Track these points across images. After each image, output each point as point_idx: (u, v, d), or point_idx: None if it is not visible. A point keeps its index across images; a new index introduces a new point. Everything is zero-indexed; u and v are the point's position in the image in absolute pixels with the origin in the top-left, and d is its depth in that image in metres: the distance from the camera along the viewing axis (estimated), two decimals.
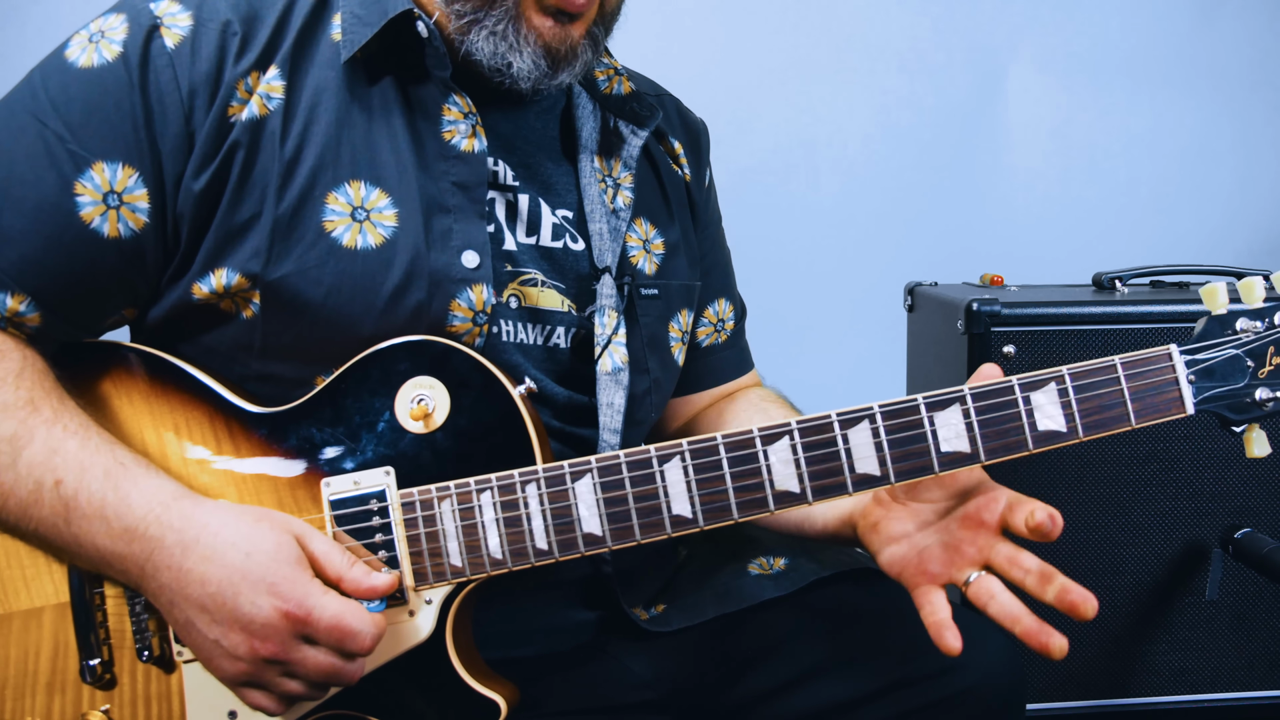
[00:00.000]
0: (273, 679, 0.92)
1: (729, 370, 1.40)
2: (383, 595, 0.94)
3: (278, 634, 0.89)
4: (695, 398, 1.38)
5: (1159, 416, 0.92)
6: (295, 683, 0.92)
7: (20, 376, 0.97)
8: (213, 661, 0.92)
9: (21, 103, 1.01)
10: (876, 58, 2.65)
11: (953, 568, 0.97)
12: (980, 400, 0.93)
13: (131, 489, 0.93)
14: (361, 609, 0.91)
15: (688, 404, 1.38)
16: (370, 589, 0.93)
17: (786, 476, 0.94)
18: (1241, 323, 0.93)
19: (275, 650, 0.90)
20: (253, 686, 0.93)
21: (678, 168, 1.33)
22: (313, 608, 0.89)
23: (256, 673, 0.91)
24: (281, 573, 0.90)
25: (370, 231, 1.03)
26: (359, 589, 0.93)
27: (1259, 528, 1.72)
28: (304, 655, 0.91)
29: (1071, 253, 2.66)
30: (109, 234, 1.00)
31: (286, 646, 0.90)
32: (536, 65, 1.07)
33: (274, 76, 1.03)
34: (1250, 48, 2.76)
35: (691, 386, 1.37)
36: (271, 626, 0.89)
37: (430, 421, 0.99)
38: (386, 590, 0.94)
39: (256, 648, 0.90)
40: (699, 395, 1.38)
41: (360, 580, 0.93)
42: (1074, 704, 1.77)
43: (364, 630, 0.90)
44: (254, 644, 0.89)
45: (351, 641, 0.90)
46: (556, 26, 1.07)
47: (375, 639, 0.91)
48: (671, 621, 1.17)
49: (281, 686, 0.92)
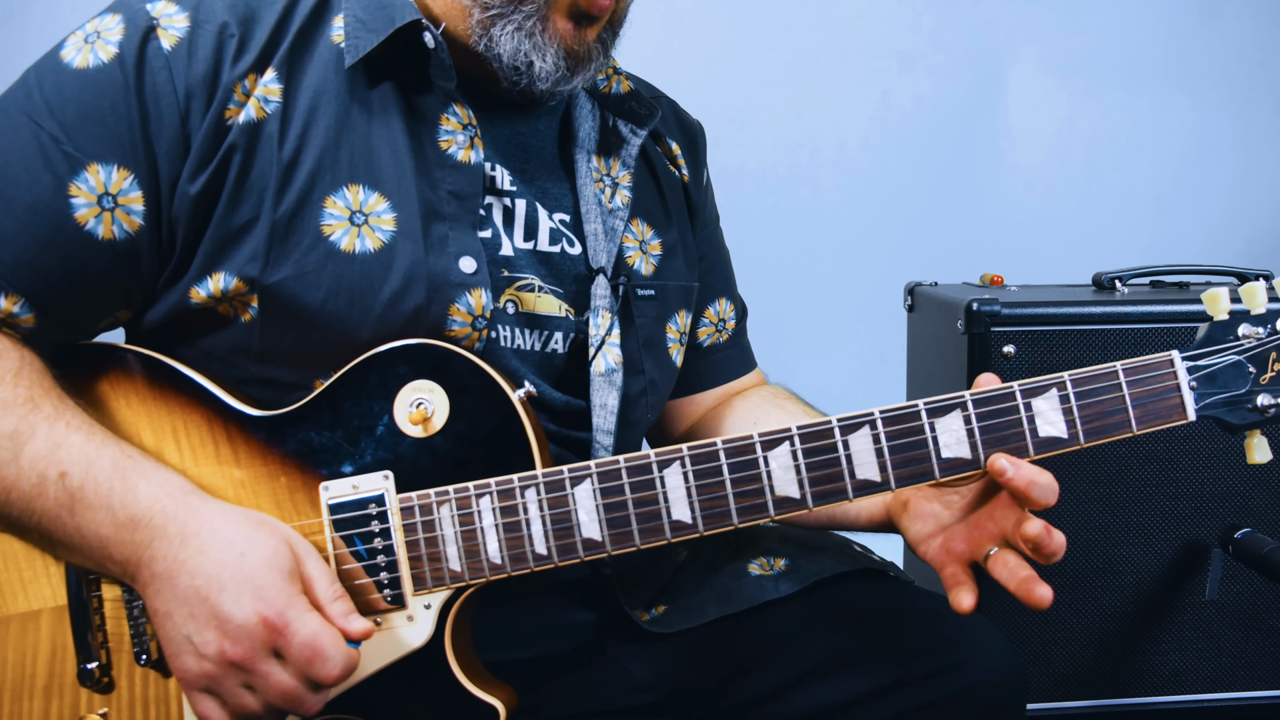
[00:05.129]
0: (231, 688, 0.90)
1: (731, 369, 1.40)
2: (355, 639, 0.91)
3: (250, 639, 0.88)
4: (699, 398, 1.38)
5: (1160, 423, 0.92)
6: (252, 698, 0.90)
7: (19, 374, 0.96)
8: (178, 658, 0.91)
9: (16, 103, 1.01)
10: (876, 58, 2.65)
11: (975, 545, 0.99)
12: (981, 406, 0.92)
13: (140, 480, 0.93)
14: (338, 637, 0.90)
15: (692, 405, 1.38)
16: (344, 629, 0.91)
17: (787, 482, 0.94)
18: (1243, 328, 0.92)
19: (243, 655, 0.88)
20: (208, 693, 0.91)
21: (675, 169, 1.32)
22: (291, 620, 0.88)
23: (218, 677, 0.90)
24: (270, 579, 0.89)
25: (369, 235, 1.03)
26: (334, 624, 0.91)
27: (1259, 528, 1.72)
28: (269, 670, 0.89)
29: (1071, 253, 2.66)
30: (103, 236, 1.00)
31: (255, 655, 0.88)
32: (558, 67, 1.07)
33: (271, 79, 1.02)
34: (1250, 48, 2.76)
35: (694, 386, 1.37)
36: (246, 630, 0.88)
37: (429, 426, 0.99)
38: (360, 636, 0.92)
39: (226, 650, 0.88)
40: (703, 396, 1.38)
41: (338, 617, 0.92)
42: (1074, 704, 1.77)
43: (336, 658, 0.88)
44: (224, 645, 0.88)
45: (320, 666, 0.88)
46: (575, 30, 1.07)
47: (345, 671, 0.89)
48: (672, 623, 1.17)
49: (237, 698, 0.90)
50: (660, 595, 1.24)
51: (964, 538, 1.01)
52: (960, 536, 1.01)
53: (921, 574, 2.01)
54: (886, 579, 1.21)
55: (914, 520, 1.07)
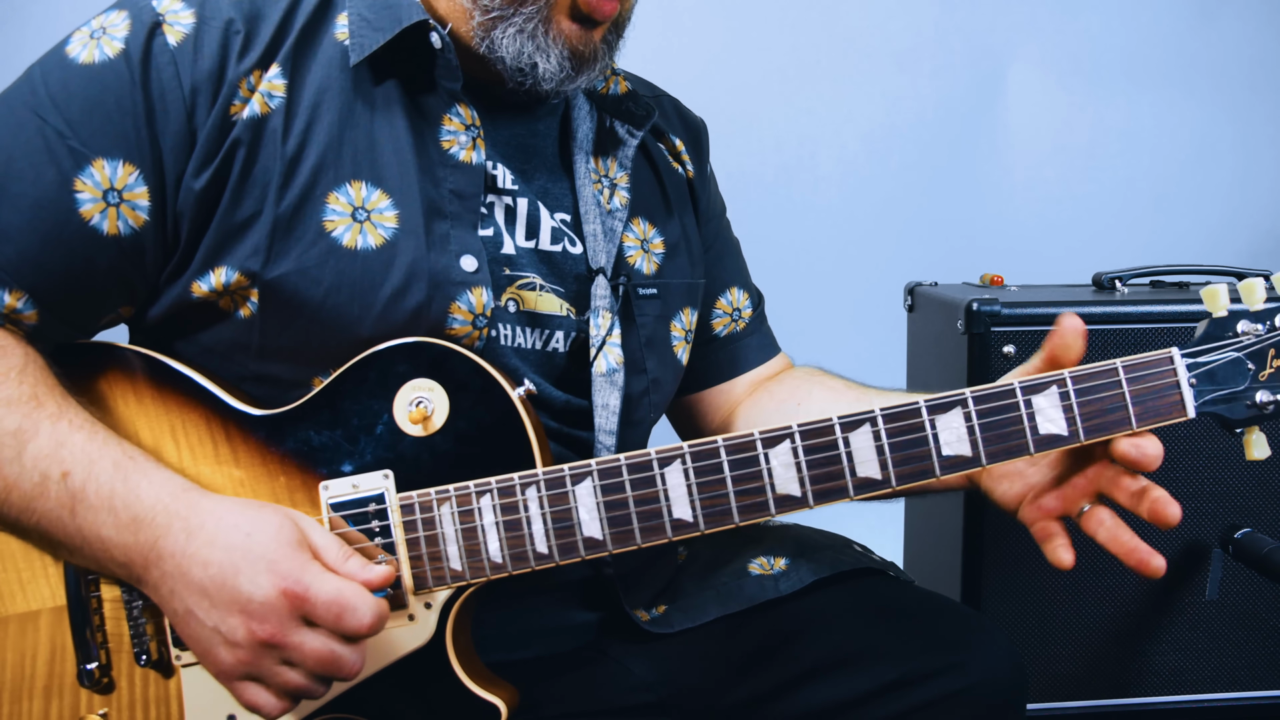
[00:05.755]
0: (271, 669, 0.90)
1: (755, 356, 1.40)
2: (378, 587, 0.92)
3: (276, 613, 0.88)
4: (729, 388, 1.38)
5: (1160, 420, 0.92)
6: (294, 673, 0.91)
7: (23, 372, 0.96)
8: (211, 654, 0.91)
9: (21, 98, 1.01)
10: (876, 58, 2.65)
11: (1067, 501, 1.01)
12: (982, 403, 0.92)
13: (141, 480, 0.93)
14: (361, 588, 0.90)
15: (724, 395, 1.38)
16: (366, 581, 0.92)
17: (788, 480, 0.94)
18: (1243, 325, 0.93)
19: (273, 631, 0.88)
20: (251, 680, 0.91)
21: (679, 165, 1.32)
22: (310, 583, 0.88)
23: (254, 662, 0.90)
24: (281, 551, 0.90)
25: (370, 232, 1.03)
26: (355, 580, 0.92)
27: (1259, 528, 1.71)
28: (302, 639, 0.89)
29: (1071, 253, 2.66)
30: (108, 231, 1.00)
31: (285, 628, 0.89)
32: (561, 68, 1.07)
33: (276, 75, 1.03)
34: (1250, 48, 2.76)
35: (719, 376, 1.37)
36: (270, 605, 0.88)
37: (429, 424, 0.99)
38: (382, 582, 0.93)
39: (254, 630, 0.88)
40: (733, 385, 1.38)
41: (356, 572, 0.92)
42: (1074, 704, 1.77)
43: (363, 607, 0.89)
44: (252, 626, 0.88)
45: (351, 617, 0.88)
46: (581, 31, 1.07)
47: (377, 619, 0.89)
48: (673, 623, 1.17)
49: (280, 677, 0.91)
50: (661, 595, 1.24)
51: (1058, 495, 1.02)
52: (1054, 494, 1.02)
53: (921, 574, 2.01)
54: (887, 578, 1.21)
55: (999, 481, 1.07)
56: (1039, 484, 1.04)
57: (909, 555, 2.15)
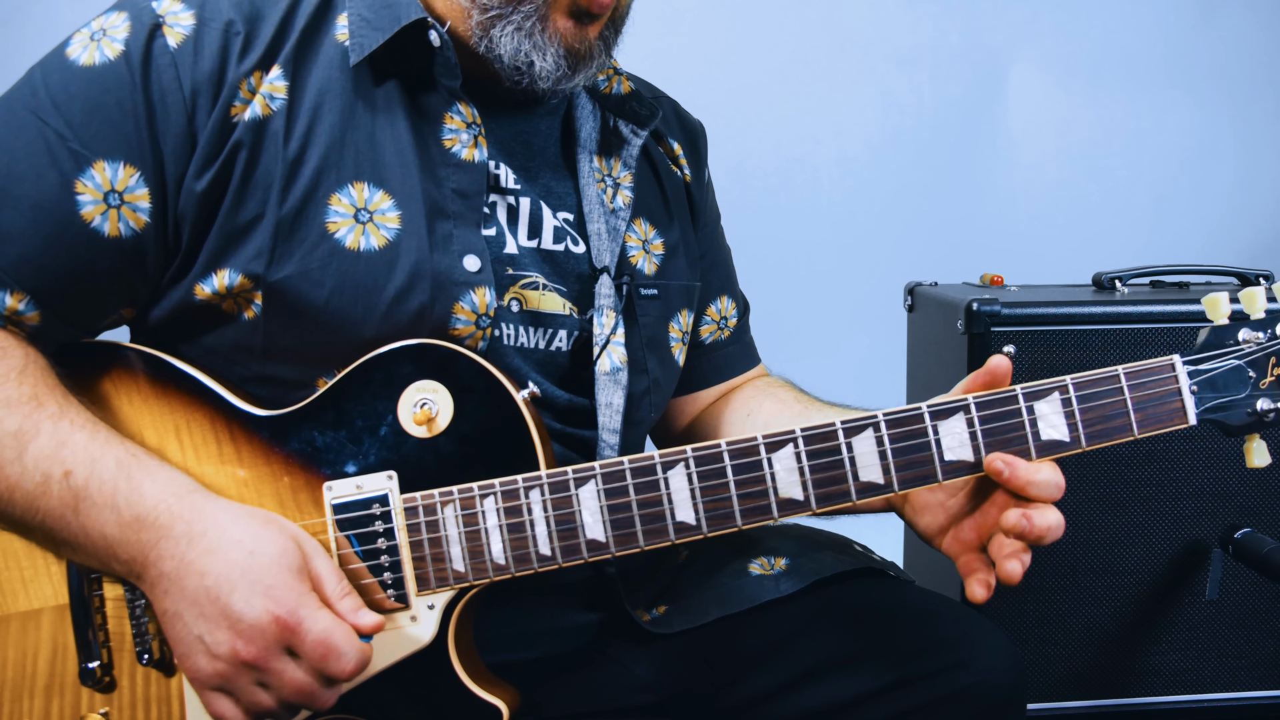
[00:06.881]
0: (245, 686, 0.91)
1: (735, 365, 1.40)
2: (367, 633, 0.92)
3: (264, 637, 0.89)
4: (700, 395, 1.38)
5: (1161, 427, 0.92)
6: (266, 695, 0.91)
7: (24, 373, 0.96)
8: (190, 658, 0.91)
9: (21, 100, 1.01)
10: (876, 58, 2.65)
11: (982, 531, 1.00)
12: (984, 409, 0.93)
13: (145, 478, 0.93)
14: (351, 633, 0.90)
15: (693, 401, 1.39)
16: (356, 625, 0.92)
17: (790, 484, 0.94)
18: (1244, 333, 0.93)
19: (256, 655, 0.89)
20: (221, 692, 0.92)
21: (677, 169, 1.33)
22: (304, 618, 0.89)
23: (231, 676, 0.90)
24: (281, 578, 0.90)
25: (373, 233, 1.03)
26: (345, 620, 0.92)
27: (1259, 528, 1.72)
28: (283, 667, 0.89)
29: (1071, 253, 2.66)
30: (109, 233, 1.00)
31: (269, 654, 0.89)
32: (558, 66, 1.07)
33: (277, 76, 1.03)
34: (1250, 48, 2.76)
35: (698, 384, 1.38)
36: (259, 628, 0.88)
37: (433, 426, 0.99)
38: (370, 630, 0.92)
39: (239, 649, 0.89)
40: (705, 392, 1.39)
41: (348, 613, 0.92)
42: (1074, 704, 1.78)
43: (349, 653, 0.89)
44: (237, 645, 0.89)
45: (335, 662, 0.89)
46: (577, 28, 1.07)
47: (359, 665, 0.90)
48: (673, 623, 1.17)
49: (251, 696, 0.91)
50: (661, 595, 1.24)
51: (972, 526, 1.02)
52: (969, 525, 1.02)
53: (922, 574, 2.01)
54: (887, 578, 1.21)
55: (920, 514, 1.07)
56: (958, 512, 1.03)
57: (909, 555, 2.15)
